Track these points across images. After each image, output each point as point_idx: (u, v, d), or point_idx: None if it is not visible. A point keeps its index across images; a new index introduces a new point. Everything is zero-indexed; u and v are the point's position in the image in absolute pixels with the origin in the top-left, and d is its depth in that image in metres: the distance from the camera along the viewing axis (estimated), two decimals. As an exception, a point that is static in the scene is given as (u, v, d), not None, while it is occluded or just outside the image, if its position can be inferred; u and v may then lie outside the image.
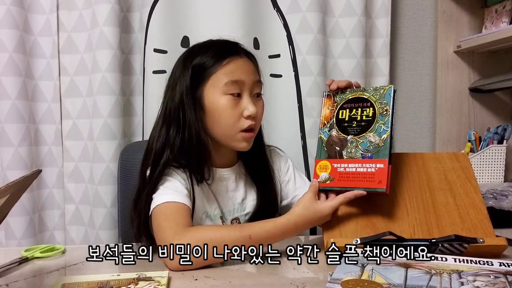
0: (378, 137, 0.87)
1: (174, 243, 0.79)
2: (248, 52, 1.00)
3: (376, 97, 0.90)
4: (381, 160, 0.85)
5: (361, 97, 0.92)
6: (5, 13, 1.32)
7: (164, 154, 0.94)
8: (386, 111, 0.88)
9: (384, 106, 0.89)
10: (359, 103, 0.92)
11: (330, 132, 0.93)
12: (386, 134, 0.86)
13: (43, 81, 1.43)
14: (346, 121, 0.92)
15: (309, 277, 0.76)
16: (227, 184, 1.04)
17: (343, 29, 1.50)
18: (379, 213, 0.88)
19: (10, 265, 0.83)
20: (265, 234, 0.84)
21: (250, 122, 0.95)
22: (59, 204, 1.47)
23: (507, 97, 1.66)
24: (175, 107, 0.95)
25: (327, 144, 0.93)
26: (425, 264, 0.71)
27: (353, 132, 0.90)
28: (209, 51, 0.96)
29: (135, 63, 1.48)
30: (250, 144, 0.98)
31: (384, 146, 0.86)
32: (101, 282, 0.72)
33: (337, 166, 0.90)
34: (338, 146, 0.91)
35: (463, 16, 1.60)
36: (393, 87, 0.90)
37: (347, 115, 0.92)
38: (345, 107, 0.94)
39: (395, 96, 0.89)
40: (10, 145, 1.35)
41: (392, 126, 0.87)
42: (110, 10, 1.35)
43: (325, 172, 0.90)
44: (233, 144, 0.97)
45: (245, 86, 0.95)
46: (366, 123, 0.89)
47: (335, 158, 0.90)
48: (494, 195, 1.30)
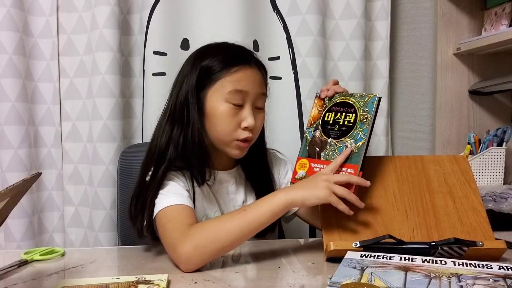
0: (354, 143, 0.89)
1: (180, 243, 0.80)
2: (260, 63, 1.00)
3: (360, 104, 0.92)
4: (352, 165, 0.86)
5: (347, 102, 0.94)
6: (4, 15, 1.32)
7: (169, 152, 0.94)
8: (366, 119, 0.89)
9: (365, 114, 0.90)
10: (345, 108, 0.94)
11: (314, 133, 0.95)
12: (361, 142, 0.88)
13: (42, 83, 1.42)
14: (330, 124, 0.94)
15: (308, 280, 0.76)
16: (228, 186, 1.04)
17: (343, 32, 1.50)
18: (379, 216, 0.88)
19: (10, 268, 0.83)
20: (255, 205, 0.85)
21: (247, 134, 0.95)
22: (59, 206, 1.46)
23: (507, 99, 1.66)
24: (180, 104, 0.95)
25: (310, 144, 0.95)
26: (424, 267, 0.71)
27: (334, 135, 0.92)
28: (220, 54, 0.96)
29: (135, 65, 1.48)
30: (243, 152, 0.98)
31: (357, 153, 0.87)
32: (101, 285, 0.72)
33: (314, 165, 0.92)
34: (318, 147, 0.93)
35: (462, 18, 1.60)
36: (378, 95, 0.91)
37: (332, 118, 0.94)
38: (332, 110, 0.95)
39: (378, 105, 0.91)
40: (10, 147, 1.35)
41: (371, 134, 0.89)
42: (110, 12, 1.35)
43: (303, 170, 0.93)
44: (226, 150, 0.98)
45: (248, 97, 0.94)
46: (346, 128, 0.91)
47: (314, 158, 0.93)
48: (493, 198, 1.30)
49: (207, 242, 0.80)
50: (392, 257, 0.76)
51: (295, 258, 0.90)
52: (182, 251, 0.80)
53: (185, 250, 0.79)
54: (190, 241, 0.80)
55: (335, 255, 0.81)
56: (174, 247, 0.82)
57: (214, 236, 0.81)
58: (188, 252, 0.79)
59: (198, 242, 0.80)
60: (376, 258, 0.75)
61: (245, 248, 0.96)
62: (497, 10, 1.51)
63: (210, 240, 0.80)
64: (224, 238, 0.81)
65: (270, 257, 0.89)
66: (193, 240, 0.80)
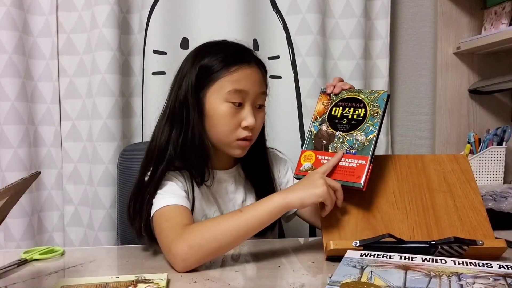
0: (364, 136, 0.89)
1: (176, 242, 0.80)
2: (259, 61, 0.99)
3: (369, 99, 0.93)
4: (363, 157, 0.87)
5: (356, 97, 0.95)
6: (4, 14, 1.32)
7: (168, 152, 0.94)
8: (377, 113, 0.91)
9: (376, 109, 0.91)
10: (353, 103, 0.94)
11: (320, 126, 0.95)
12: (372, 135, 0.89)
13: (42, 82, 1.42)
14: (337, 117, 0.94)
15: (308, 279, 0.76)
16: (227, 186, 1.04)
17: (343, 31, 1.50)
18: (379, 215, 0.88)
19: (9, 267, 0.83)
20: (253, 206, 0.84)
21: (247, 133, 0.95)
22: (58, 205, 1.46)
23: (507, 98, 1.66)
24: (179, 104, 0.95)
25: (316, 137, 0.95)
26: (424, 266, 0.71)
27: (342, 128, 0.92)
28: (219, 53, 0.95)
29: (135, 64, 1.48)
30: (244, 151, 0.98)
31: (368, 145, 0.88)
32: (100, 285, 0.72)
33: (321, 157, 0.91)
34: (325, 140, 0.93)
35: (462, 17, 1.60)
36: (388, 92, 0.93)
37: (339, 112, 0.95)
38: (339, 105, 0.96)
39: (388, 101, 0.92)
40: (9, 147, 1.35)
41: (380, 129, 0.90)
42: (109, 11, 1.35)
43: (309, 162, 0.92)
44: (227, 150, 0.97)
45: (248, 96, 0.94)
46: (356, 122, 0.92)
47: (321, 151, 0.92)
48: (493, 197, 1.30)
49: (202, 242, 0.79)
50: (392, 256, 0.75)
51: (295, 257, 0.90)
52: (177, 251, 0.79)
53: (180, 250, 0.79)
54: (185, 241, 0.79)
55: (335, 254, 0.81)
56: (169, 247, 0.81)
57: (210, 236, 0.80)
58: (183, 252, 0.79)
59: (193, 242, 0.79)
60: (376, 257, 0.75)
61: (244, 247, 0.95)
62: (497, 9, 1.51)
63: (206, 241, 0.79)
64: (220, 238, 0.80)
65: (270, 256, 0.89)
66: (188, 240, 0.79)
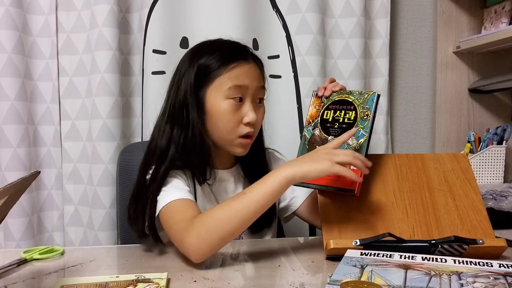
0: (356, 140, 0.89)
1: (186, 235, 0.80)
2: (256, 57, 1.00)
3: (359, 101, 0.92)
4: None
5: (346, 99, 0.94)
6: (3, 14, 1.32)
7: (170, 152, 0.94)
8: (367, 116, 0.90)
9: (366, 111, 0.90)
10: (344, 106, 0.94)
11: (313, 131, 0.95)
12: (363, 139, 0.88)
13: (42, 82, 1.42)
14: (329, 121, 0.94)
15: (308, 278, 0.76)
16: (227, 185, 1.04)
17: (343, 30, 1.50)
18: (379, 214, 0.88)
19: (9, 267, 0.83)
20: (255, 185, 0.83)
21: (249, 129, 0.95)
22: (58, 205, 1.46)
23: (507, 97, 1.66)
24: (179, 104, 0.95)
25: (309, 142, 0.95)
26: (424, 265, 0.71)
27: (334, 133, 0.92)
28: (216, 52, 0.95)
29: (134, 64, 1.48)
30: (246, 149, 0.98)
31: (359, 150, 0.88)
32: (100, 284, 0.72)
33: None
34: (318, 145, 0.92)
35: (462, 16, 1.60)
36: (377, 92, 0.92)
37: (331, 116, 0.94)
38: (331, 108, 0.95)
39: (378, 102, 0.91)
40: (9, 146, 1.35)
41: (371, 131, 0.89)
42: (109, 11, 1.35)
43: None
44: (229, 149, 0.98)
45: (248, 91, 0.95)
46: (347, 125, 0.91)
47: None
48: (493, 196, 1.30)
49: (211, 230, 0.80)
50: (392, 255, 0.75)
51: (294, 256, 0.90)
52: (189, 243, 0.80)
53: (192, 241, 0.80)
54: (195, 231, 0.80)
55: (335, 253, 0.81)
56: (181, 240, 0.82)
57: (217, 223, 0.80)
58: (194, 243, 0.80)
59: (202, 231, 0.80)
60: (376, 256, 0.75)
61: (244, 247, 0.95)
62: (497, 8, 1.51)
63: (214, 228, 0.80)
64: (228, 223, 0.80)
65: (270, 255, 0.89)
66: (197, 230, 0.80)
